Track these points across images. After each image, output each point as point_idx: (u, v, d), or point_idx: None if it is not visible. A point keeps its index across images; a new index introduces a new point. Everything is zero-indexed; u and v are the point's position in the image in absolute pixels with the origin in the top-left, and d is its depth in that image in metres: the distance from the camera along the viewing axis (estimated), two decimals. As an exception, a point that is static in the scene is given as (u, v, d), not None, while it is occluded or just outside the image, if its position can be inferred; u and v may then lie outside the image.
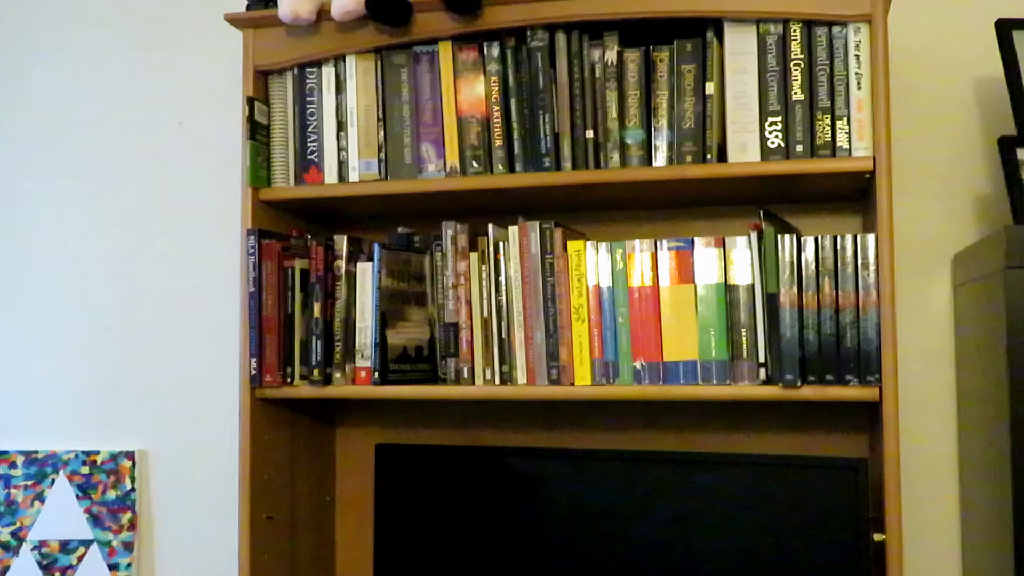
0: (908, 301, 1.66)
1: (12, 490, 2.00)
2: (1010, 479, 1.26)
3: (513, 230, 1.54)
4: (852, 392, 1.39)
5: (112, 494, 1.97)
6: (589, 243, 1.52)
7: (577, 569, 1.58)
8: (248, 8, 1.63)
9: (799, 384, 1.40)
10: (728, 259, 1.46)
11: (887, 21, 1.41)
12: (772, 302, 1.42)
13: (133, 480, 1.97)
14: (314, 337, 1.59)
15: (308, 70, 1.63)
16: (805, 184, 1.52)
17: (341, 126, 1.61)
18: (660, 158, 1.50)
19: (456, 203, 1.67)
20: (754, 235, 1.45)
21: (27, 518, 1.99)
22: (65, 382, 2.05)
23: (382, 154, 1.60)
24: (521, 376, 1.54)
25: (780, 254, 1.42)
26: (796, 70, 1.43)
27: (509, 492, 1.64)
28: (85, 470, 1.98)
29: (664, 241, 1.49)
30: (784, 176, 1.44)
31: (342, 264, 1.61)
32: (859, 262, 1.40)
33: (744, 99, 1.45)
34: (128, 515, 1.96)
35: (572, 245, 1.52)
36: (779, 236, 1.42)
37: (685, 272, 1.48)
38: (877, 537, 1.38)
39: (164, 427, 1.99)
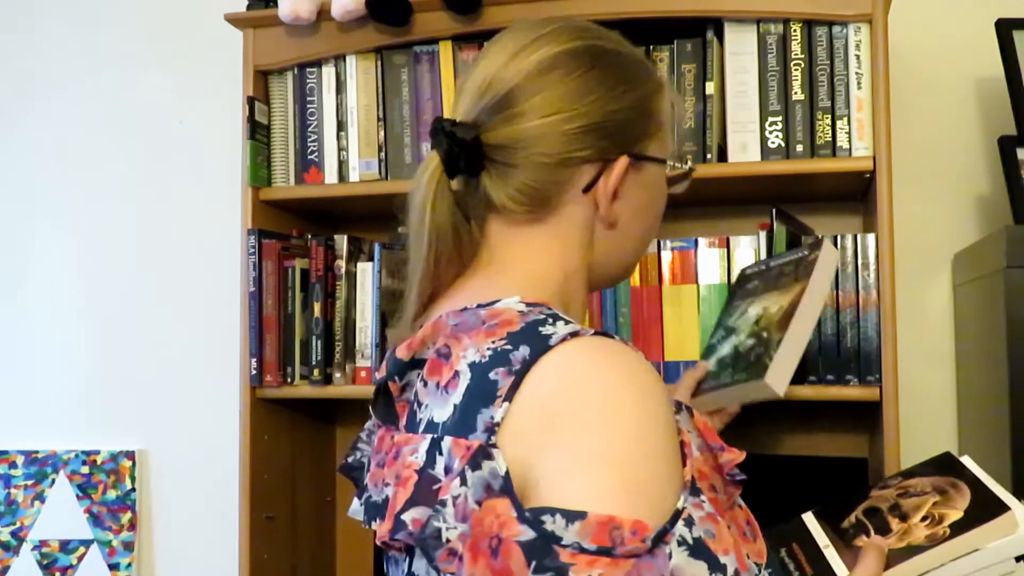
0: (908, 301, 1.65)
1: (12, 490, 1.99)
2: (1010, 479, 1.26)
3: (513, 230, 1.54)
4: (852, 392, 1.39)
5: (112, 494, 1.97)
6: (589, 243, 1.51)
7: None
8: (248, 8, 1.63)
9: (799, 384, 1.40)
10: (731, 259, 1.46)
11: (887, 21, 1.41)
12: (772, 302, 1.42)
13: (133, 480, 1.97)
14: (314, 337, 1.59)
15: (308, 70, 1.63)
16: (805, 184, 1.52)
17: (341, 126, 1.61)
18: (660, 158, 1.49)
19: (456, 203, 1.67)
20: (758, 235, 1.44)
21: (27, 518, 1.99)
22: (65, 382, 2.05)
23: (382, 154, 1.60)
24: (521, 376, 1.54)
25: (780, 254, 1.41)
26: (796, 70, 1.43)
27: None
28: (85, 470, 1.97)
29: (667, 241, 1.49)
30: (784, 176, 1.44)
31: (342, 264, 1.61)
32: (859, 262, 1.40)
33: (744, 99, 1.45)
34: (128, 515, 1.96)
35: (572, 245, 1.51)
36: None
37: (687, 272, 1.48)
38: (877, 537, 1.38)
39: (164, 427, 1.99)
